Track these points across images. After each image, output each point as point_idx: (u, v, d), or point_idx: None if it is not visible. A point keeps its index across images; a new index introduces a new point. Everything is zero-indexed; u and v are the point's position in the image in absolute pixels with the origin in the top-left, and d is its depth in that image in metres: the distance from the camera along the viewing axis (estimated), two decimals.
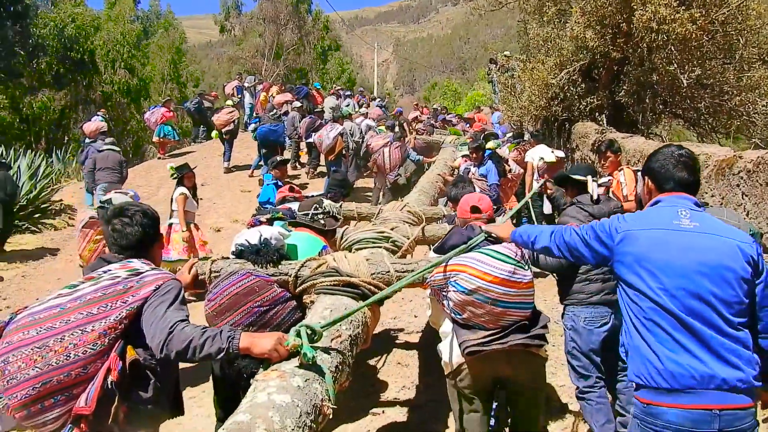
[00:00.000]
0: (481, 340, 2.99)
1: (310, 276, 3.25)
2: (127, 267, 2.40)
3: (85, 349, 2.14)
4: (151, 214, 2.65)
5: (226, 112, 14.09)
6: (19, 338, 2.15)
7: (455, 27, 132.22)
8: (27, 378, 2.08)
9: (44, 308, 2.22)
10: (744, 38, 9.06)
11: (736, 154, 5.43)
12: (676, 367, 2.21)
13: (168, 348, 2.15)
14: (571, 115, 10.58)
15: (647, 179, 2.61)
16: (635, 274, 2.36)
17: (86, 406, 2.08)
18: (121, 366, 2.16)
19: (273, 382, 2.07)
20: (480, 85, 31.31)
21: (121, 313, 2.22)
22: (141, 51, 27.85)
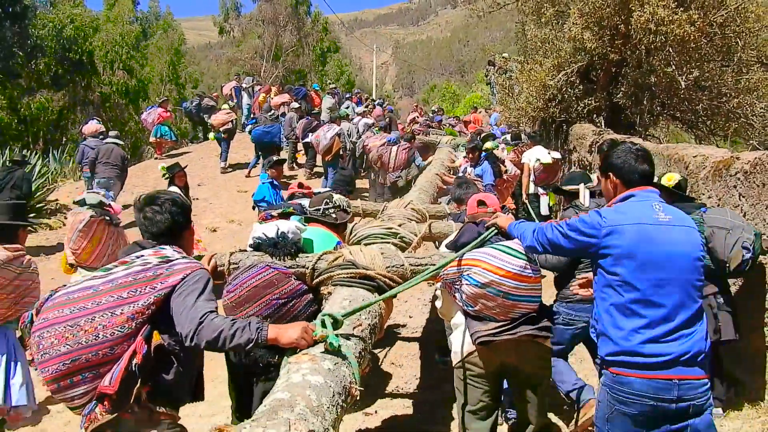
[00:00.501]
0: (492, 330, 3.15)
1: (327, 268, 3.35)
2: (158, 254, 2.48)
3: (113, 331, 2.22)
4: (181, 202, 2.73)
5: (224, 112, 14.19)
6: (54, 315, 2.25)
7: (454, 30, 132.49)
8: (58, 354, 2.19)
9: (79, 288, 2.33)
10: (742, 41, 9.03)
11: (734, 155, 5.40)
12: (650, 347, 2.51)
13: (198, 338, 2.23)
14: (568, 116, 10.55)
15: (611, 175, 2.81)
16: (621, 266, 2.57)
17: (110, 386, 2.16)
18: (146, 350, 2.24)
19: (305, 364, 2.20)
20: (478, 87, 31.33)
21: (149, 299, 2.29)
22: (140, 52, 27.81)
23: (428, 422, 4.71)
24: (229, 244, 9.69)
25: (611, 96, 10.04)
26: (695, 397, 2.51)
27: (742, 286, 4.62)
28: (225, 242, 9.77)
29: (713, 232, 3.91)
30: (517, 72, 11.90)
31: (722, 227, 3.89)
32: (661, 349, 2.49)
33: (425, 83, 74.78)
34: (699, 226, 3.66)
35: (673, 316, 2.52)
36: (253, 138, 12.57)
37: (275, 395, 1.98)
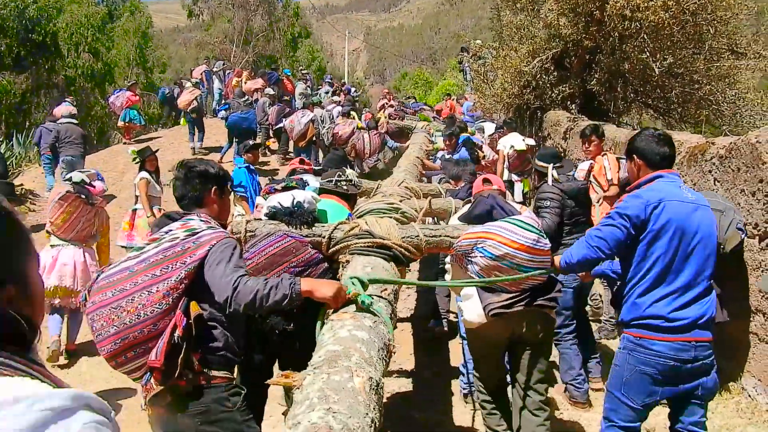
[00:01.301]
0: (504, 302, 3.25)
1: (343, 237, 3.41)
2: (186, 226, 2.55)
3: (152, 309, 2.32)
4: (200, 170, 2.78)
5: (188, 91, 13.96)
6: (99, 299, 2.38)
7: (426, 17, 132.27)
8: (109, 335, 2.33)
9: (117, 271, 2.44)
10: (713, 28, 9.16)
11: (709, 140, 5.48)
12: (675, 312, 2.84)
13: (236, 302, 2.32)
14: (543, 103, 10.61)
15: (635, 157, 3.13)
16: (659, 239, 2.88)
17: (156, 359, 2.28)
18: (186, 322, 2.32)
19: (348, 321, 2.32)
20: (451, 75, 31.31)
21: (181, 273, 2.38)
22: (106, 35, 27.09)
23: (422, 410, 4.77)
24: None
25: (585, 83, 10.10)
26: (706, 357, 2.88)
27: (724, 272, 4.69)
28: None
29: None
30: (491, 59, 11.89)
31: (715, 209, 3.73)
32: (683, 314, 2.84)
33: (397, 70, 74.55)
34: None
35: (694, 284, 2.88)
36: (229, 124, 12.40)
37: (327, 347, 2.08)
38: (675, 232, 2.87)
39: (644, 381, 2.89)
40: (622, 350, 3.03)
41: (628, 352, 2.95)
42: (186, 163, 2.83)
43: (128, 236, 7.18)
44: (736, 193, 4.66)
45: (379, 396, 1.90)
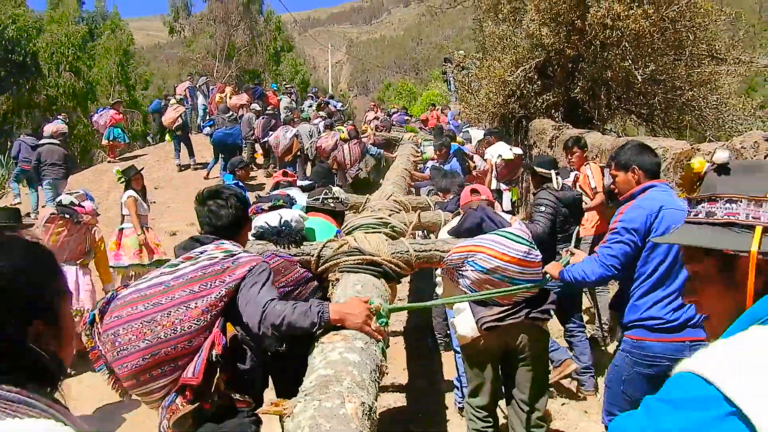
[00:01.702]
0: (497, 315, 3.24)
1: (332, 255, 3.38)
2: (221, 248, 2.54)
3: (190, 324, 2.27)
4: (243, 198, 2.83)
5: (172, 109, 13.87)
6: (128, 313, 2.29)
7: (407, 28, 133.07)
8: (138, 349, 2.24)
9: (149, 285, 2.37)
10: (693, 35, 9.28)
11: (694, 146, 5.52)
12: (670, 314, 2.95)
13: (264, 325, 2.28)
14: (528, 112, 10.68)
15: (636, 168, 3.20)
16: (660, 246, 2.97)
17: (194, 377, 2.22)
18: (225, 341, 2.29)
19: (339, 343, 2.25)
20: (435, 85, 31.45)
21: (221, 291, 2.34)
22: (87, 53, 26.96)
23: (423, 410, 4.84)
24: None
25: (569, 91, 10.19)
26: None
27: None
28: None
29: None
30: (475, 69, 11.96)
31: None
32: (678, 315, 2.95)
33: (380, 81, 74.80)
34: None
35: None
36: (214, 141, 12.39)
37: (318, 372, 2.04)
38: None
39: (642, 381, 2.98)
40: (621, 351, 3.14)
41: (627, 354, 3.07)
42: (227, 191, 2.79)
43: (115, 256, 7.11)
44: None
45: (372, 421, 1.86)
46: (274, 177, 6.38)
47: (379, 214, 4.45)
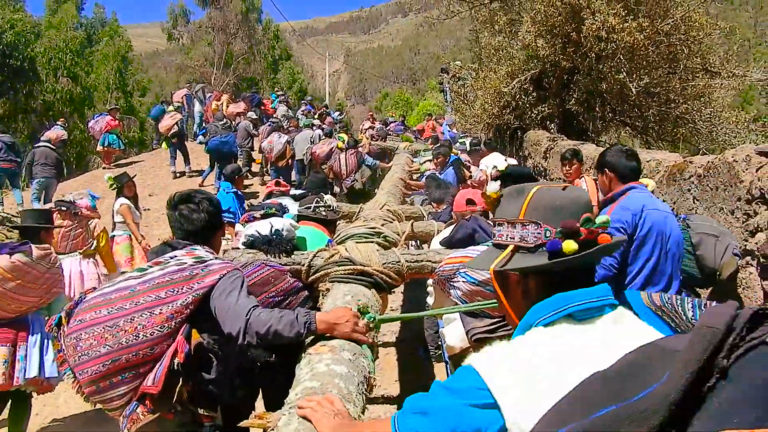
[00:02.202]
0: (487, 327, 3.24)
1: (323, 265, 3.35)
2: (192, 254, 2.47)
3: (153, 331, 2.21)
4: (216, 202, 2.77)
5: (168, 116, 13.95)
6: (91, 317, 2.24)
7: (405, 38, 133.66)
8: (98, 355, 2.18)
9: (115, 289, 2.32)
10: (687, 48, 9.32)
11: (687, 159, 5.54)
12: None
13: (249, 334, 2.22)
14: (522, 123, 10.71)
15: (607, 171, 3.49)
16: (646, 244, 3.23)
17: (153, 386, 2.16)
18: (188, 349, 2.22)
19: (326, 355, 2.22)
20: (432, 95, 31.57)
21: (188, 298, 2.28)
22: (85, 59, 26.99)
23: None
24: None
25: (564, 103, 10.22)
26: None
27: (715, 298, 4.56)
28: None
29: (702, 239, 3.83)
30: (471, 79, 12.01)
31: (710, 234, 3.80)
32: None
33: (377, 91, 75.04)
34: (684, 232, 3.74)
35: (671, 282, 3.32)
36: (209, 149, 12.41)
37: (304, 384, 2.02)
38: (657, 237, 3.26)
39: None
40: None
41: None
42: (198, 195, 2.73)
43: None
44: (715, 211, 4.70)
45: None
46: (266, 187, 6.50)
47: (371, 223, 4.43)
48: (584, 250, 1.34)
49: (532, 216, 1.41)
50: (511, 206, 1.46)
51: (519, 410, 1.13)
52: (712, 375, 0.78)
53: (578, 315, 1.28)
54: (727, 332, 0.80)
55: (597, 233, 1.36)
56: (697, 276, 3.78)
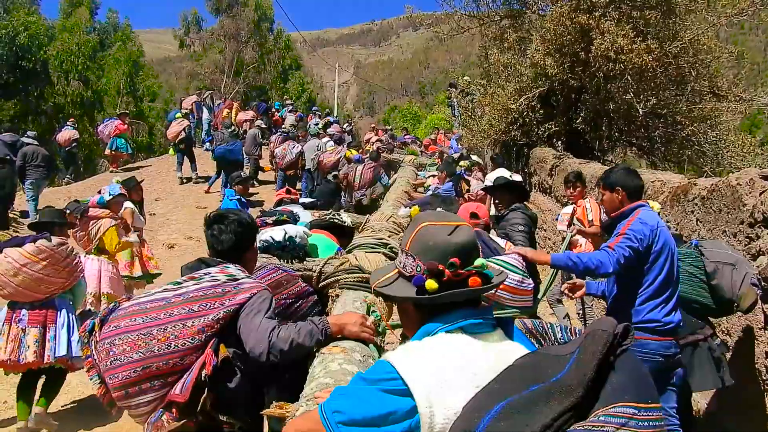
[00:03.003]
0: None
1: (333, 272, 3.47)
2: (225, 272, 2.57)
3: (184, 342, 2.31)
4: (248, 222, 2.85)
5: (176, 122, 14.02)
6: (126, 324, 2.34)
7: (415, 52, 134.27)
8: (130, 361, 2.27)
9: (150, 300, 2.42)
10: (695, 71, 9.36)
11: (691, 180, 5.55)
12: (666, 317, 3.42)
13: (273, 354, 2.34)
14: (529, 140, 10.74)
15: (620, 189, 3.61)
16: (659, 257, 3.41)
17: (181, 395, 2.26)
18: (215, 362, 2.32)
19: (339, 355, 2.36)
20: (440, 109, 31.68)
21: (219, 314, 2.39)
22: (96, 63, 27.22)
23: None
24: (187, 261, 9.46)
25: (571, 121, 10.25)
26: (680, 352, 3.53)
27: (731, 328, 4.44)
28: (183, 259, 9.51)
29: (717, 267, 3.72)
30: (479, 95, 12.07)
31: (727, 262, 3.70)
32: (671, 318, 3.43)
33: (386, 103, 75.33)
34: (696, 260, 3.78)
35: (674, 294, 3.49)
36: (215, 156, 12.50)
37: (319, 380, 2.17)
38: (668, 252, 3.43)
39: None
40: None
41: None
42: (231, 215, 2.84)
43: None
44: (718, 234, 4.71)
45: None
46: (277, 194, 6.74)
47: (378, 234, 4.56)
48: (448, 289, 1.48)
49: (414, 248, 1.55)
50: (406, 234, 1.62)
51: (430, 394, 1.34)
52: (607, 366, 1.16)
53: (469, 329, 1.48)
54: (614, 337, 1.18)
55: (465, 276, 1.49)
56: (711, 306, 3.74)
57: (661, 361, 3.38)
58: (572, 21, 9.12)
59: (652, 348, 3.37)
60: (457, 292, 1.49)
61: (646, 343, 3.36)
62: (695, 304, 3.78)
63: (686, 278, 3.75)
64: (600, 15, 8.91)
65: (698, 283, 3.73)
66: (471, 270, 1.51)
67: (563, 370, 1.17)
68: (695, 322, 3.84)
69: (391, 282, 1.61)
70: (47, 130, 24.12)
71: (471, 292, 1.52)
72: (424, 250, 1.53)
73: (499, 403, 1.19)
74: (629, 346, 1.20)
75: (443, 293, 1.49)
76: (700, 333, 3.82)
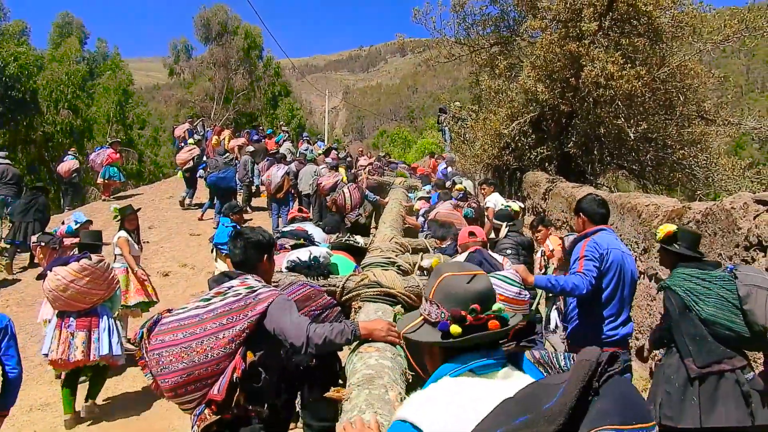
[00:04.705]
0: None
1: (354, 287, 3.95)
2: (245, 284, 3.01)
3: (218, 351, 2.78)
4: (256, 240, 3.27)
5: (186, 150, 14.06)
6: (170, 339, 2.82)
7: (403, 77, 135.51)
8: (176, 369, 2.76)
9: (186, 316, 2.88)
10: (683, 96, 9.52)
11: (685, 205, 5.61)
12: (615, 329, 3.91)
13: (310, 346, 2.79)
14: (521, 164, 10.84)
15: (581, 214, 4.18)
16: (608, 276, 3.90)
17: (218, 394, 2.75)
18: (244, 366, 2.80)
19: (374, 353, 2.78)
20: (430, 133, 31.91)
21: (244, 324, 2.83)
22: (86, 92, 27.25)
23: None
24: (182, 289, 9.40)
25: (562, 145, 10.37)
26: (628, 360, 4.08)
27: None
28: (177, 287, 9.49)
29: (751, 291, 3.43)
30: (470, 120, 12.19)
31: (762, 286, 3.42)
32: (616, 332, 3.90)
33: (375, 128, 75.77)
34: (729, 283, 3.51)
35: (625, 310, 3.97)
36: (209, 183, 12.49)
37: (362, 372, 2.58)
38: (616, 271, 3.88)
39: None
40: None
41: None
42: (243, 235, 3.30)
43: None
44: (714, 257, 4.76)
45: None
46: (290, 212, 7.45)
47: (387, 254, 5.09)
48: (471, 332, 1.64)
49: (437, 297, 1.74)
50: (429, 284, 1.81)
51: None
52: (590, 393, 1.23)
53: (478, 371, 1.62)
54: (597, 365, 1.28)
55: (485, 320, 1.67)
56: (745, 335, 3.43)
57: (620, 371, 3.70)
58: (562, 48, 9.28)
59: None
60: (478, 336, 1.65)
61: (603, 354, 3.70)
62: (728, 331, 3.48)
63: (717, 302, 3.51)
64: (589, 42, 9.07)
65: (729, 307, 3.46)
66: (490, 314, 1.67)
67: (553, 399, 1.24)
68: (723, 350, 3.53)
69: (418, 328, 1.79)
70: (36, 159, 24.13)
71: (491, 335, 1.67)
72: (447, 299, 1.71)
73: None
74: (615, 371, 1.29)
75: (466, 337, 1.64)
76: (728, 363, 3.51)
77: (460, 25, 11.73)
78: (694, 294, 3.59)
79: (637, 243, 6.16)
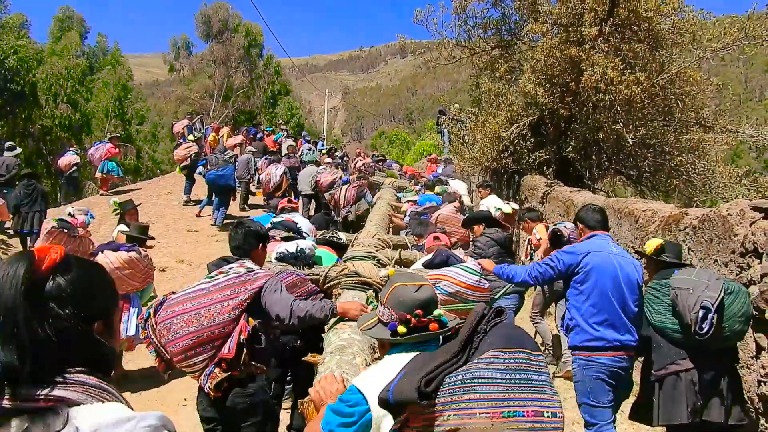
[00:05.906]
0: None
1: (335, 277, 4.43)
2: (243, 265, 3.52)
3: (224, 317, 3.23)
4: (248, 230, 3.77)
5: (184, 147, 14.07)
6: (180, 308, 3.25)
7: (403, 78, 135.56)
8: (188, 332, 3.19)
9: (194, 290, 3.34)
10: (682, 102, 9.56)
11: (682, 210, 5.63)
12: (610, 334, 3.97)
13: (293, 318, 3.30)
14: (520, 167, 10.86)
15: (579, 224, 4.47)
16: (590, 279, 4.05)
17: (229, 352, 3.19)
18: (249, 328, 3.24)
19: (347, 330, 3.34)
20: (429, 135, 31.94)
21: (245, 295, 3.30)
22: (85, 86, 27.22)
23: None
24: (179, 285, 9.39)
25: (561, 149, 10.39)
26: (631, 366, 4.10)
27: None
28: (174, 283, 9.47)
29: (677, 293, 3.65)
30: (470, 123, 12.22)
31: (684, 287, 3.62)
32: (615, 336, 3.96)
33: (374, 129, 75.79)
34: (665, 287, 3.85)
35: (619, 315, 3.99)
36: (207, 181, 12.49)
37: (335, 343, 3.15)
38: (600, 273, 4.01)
39: (602, 385, 3.96)
40: (576, 368, 4.13)
41: (582, 368, 4.05)
42: (244, 224, 3.82)
43: None
44: (710, 263, 4.78)
45: None
46: (280, 203, 7.82)
47: (368, 248, 5.58)
48: (414, 332, 2.10)
49: (389, 302, 2.16)
50: (384, 290, 2.25)
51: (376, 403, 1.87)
52: (480, 334, 1.82)
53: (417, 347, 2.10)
54: (483, 315, 1.86)
55: (426, 323, 2.11)
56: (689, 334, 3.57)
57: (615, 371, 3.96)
58: (562, 52, 9.32)
59: (604, 362, 3.94)
60: (420, 335, 2.11)
61: (598, 358, 3.96)
62: (677, 334, 3.69)
63: (663, 308, 3.84)
64: (590, 47, 9.11)
65: (666, 308, 3.81)
66: (431, 318, 2.11)
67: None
68: (675, 352, 3.73)
69: (373, 326, 2.23)
70: (34, 152, 24.09)
71: (431, 335, 2.12)
72: (396, 304, 2.14)
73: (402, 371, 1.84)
74: (502, 320, 1.86)
75: (409, 336, 2.10)
76: (682, 363, 3.69)
77: (461, 28, 11.77)
78: (649, 303, 4.04)
79: (633, 248, 6.18)
